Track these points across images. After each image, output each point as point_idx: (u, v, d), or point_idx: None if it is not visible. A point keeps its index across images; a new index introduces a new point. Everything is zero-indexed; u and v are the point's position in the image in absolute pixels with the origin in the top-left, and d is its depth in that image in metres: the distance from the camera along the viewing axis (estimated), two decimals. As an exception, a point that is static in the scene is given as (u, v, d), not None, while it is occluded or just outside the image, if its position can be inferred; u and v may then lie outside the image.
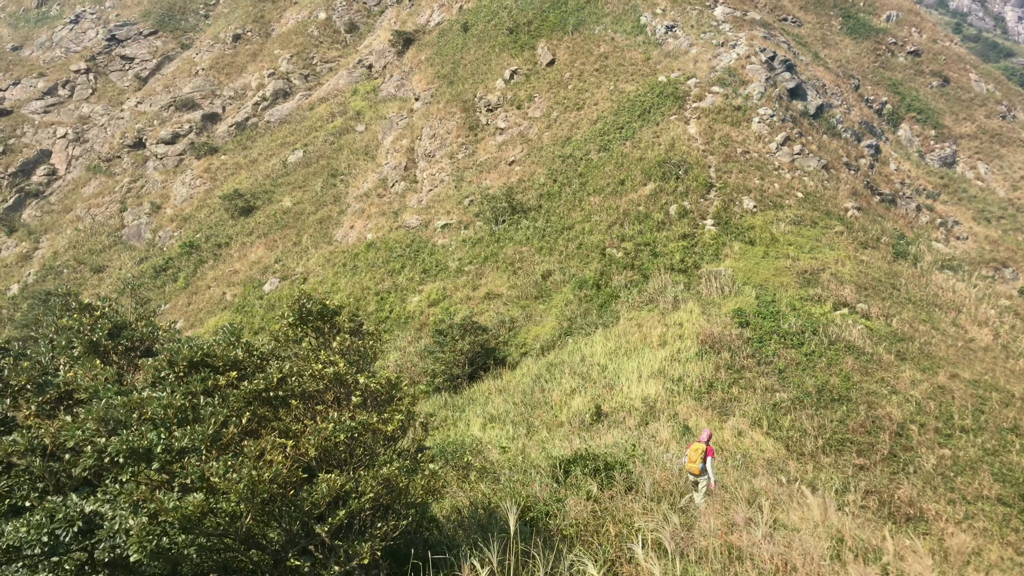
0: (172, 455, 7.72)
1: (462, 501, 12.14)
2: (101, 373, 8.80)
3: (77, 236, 66.41)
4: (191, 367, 8.98)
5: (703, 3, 55.13)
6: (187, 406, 8.18)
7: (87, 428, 7.78)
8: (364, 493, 8.13)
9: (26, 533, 6.98)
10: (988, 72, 74.20)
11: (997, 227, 50.82)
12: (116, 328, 9.72)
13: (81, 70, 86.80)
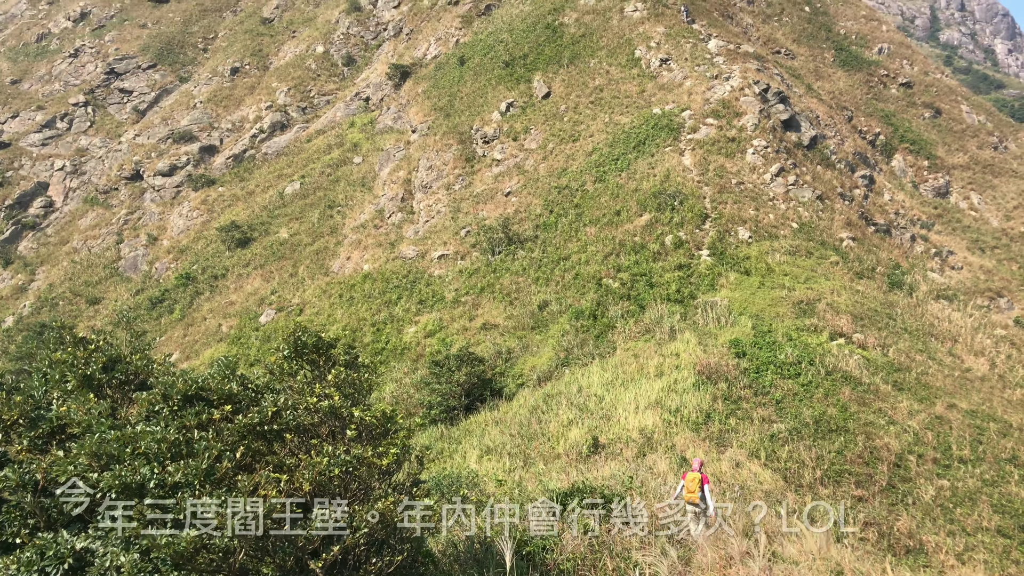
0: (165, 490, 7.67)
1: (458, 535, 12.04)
2: (94, 407, 8.75)
3: (73, 268, 66.39)
4: (185, 401, 8.93)
5: (697, 36, 55.76)
6: (181, 440, 8.13)
7: (80, 463, 7.72)
8: (359, 528, 8.07)
9: (16, 570, 6.91)
10: (979, 104, 74.94)
11: (991, 257, 51.02)
12: (111, 361, 9.69)
13: (80, 103, 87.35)
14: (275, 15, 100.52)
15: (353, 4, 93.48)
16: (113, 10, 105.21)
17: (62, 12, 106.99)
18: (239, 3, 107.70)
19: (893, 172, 58.51)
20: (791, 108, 48.83)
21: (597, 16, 60.89)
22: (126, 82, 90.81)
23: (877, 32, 77.02)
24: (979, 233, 53.75)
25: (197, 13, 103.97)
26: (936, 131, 64.81)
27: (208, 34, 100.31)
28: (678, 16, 58.94)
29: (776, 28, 70.66)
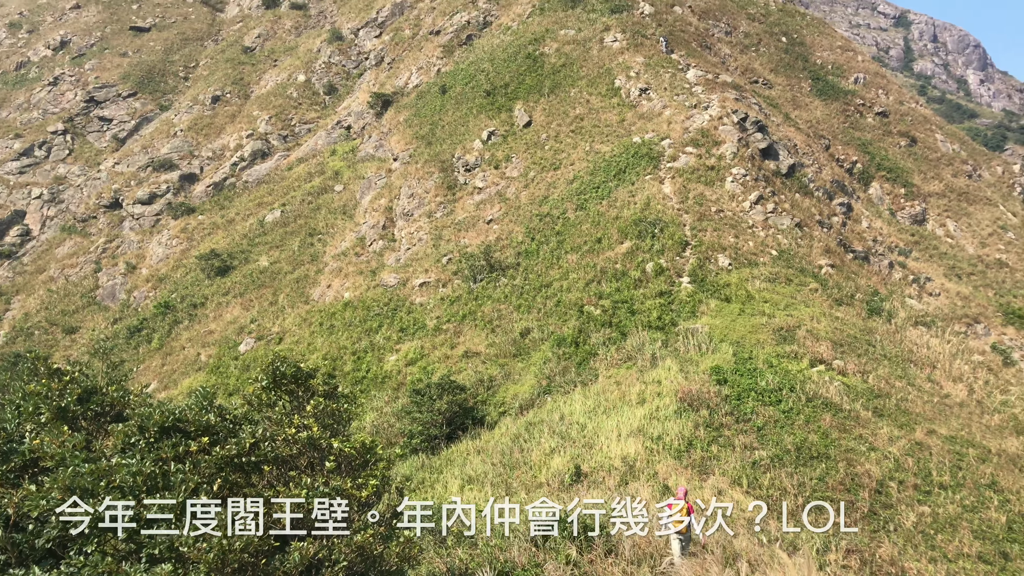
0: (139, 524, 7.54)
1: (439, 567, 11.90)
2: (68, 440, 8.62)
3: (50, 297, 65.70)
4: (162, 432, 8.82)
5: (676, 66, 56.45)
6: (157, 473, 8.01)
7: (52, 497, 7.58)
8: (338, 561, 7.97)
9: (-15, 609, 6.75)
10: (953, 132, 76.22)
11: (968, 283, 51.61)
12: (86, 393, 9.56)
13: (58, 131, 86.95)
14: (257, 44, 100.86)
15: (335, 33, 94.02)
16: (93, 39, 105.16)
17: (41, 40, 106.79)
18: (220, 32, 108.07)
19: (871, 200, 59.23)
20: (769, 137, 49.41)
21: (577, 46, 61.55)
22: (106, 110, 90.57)
23: (853, 62, 78.32)
24: (956, 260, 54.41)
25: (178, 42, 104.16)
26: (912, 159, 65.77)
27: (189, 63, 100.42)
28: (657, 46, 59.69)
29: (754, 58, 71.68)
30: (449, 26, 78.90)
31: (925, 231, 57.92)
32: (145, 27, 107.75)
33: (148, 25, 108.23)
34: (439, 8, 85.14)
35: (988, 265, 54.63)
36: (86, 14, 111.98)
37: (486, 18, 77.07)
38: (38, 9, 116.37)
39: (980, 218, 59.87)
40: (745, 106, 51.26)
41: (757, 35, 75.58)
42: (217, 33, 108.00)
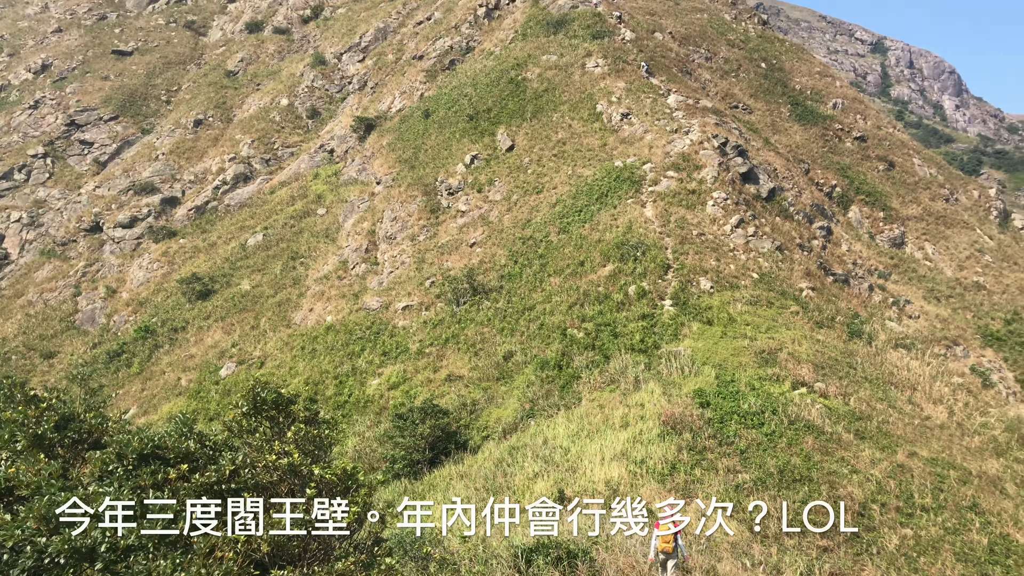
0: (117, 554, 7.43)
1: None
2: (45, 468, 8.49)
3: (28, 321, 64.99)
4: (141, 460, 8.72)
5: (656, 92, 57.01)
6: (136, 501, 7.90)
7: (27, 527, 7.46)
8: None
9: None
10: (930, 157, 77.28)
11: (946, 306, 52.12)
12: (63, 420, 9.45)
13: (39, 154, 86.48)
14: (240, 68, 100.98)
15: (318, 58, 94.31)
16: (75, 62, 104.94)
17: (23, 64, 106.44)
18: (203, 56, 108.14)
19: (850, 223, 59.82)
20: (750, 161, 49.88)
21: (559, 71, 62.05)
22: (87, 134, 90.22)
23: (831, 88, 79.40)
24: (934, 283, 54.96)
25: (161, 66, 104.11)
26: (890, 183, 66.56)
27: (172, 86, 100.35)
28: (638, 72, 60.29)
29: (734, 83, 72.51)
30: (432, 51, 79.36)
31: (904, 254, 58.51)
32: (127, 51, 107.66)
33: (130, 49, 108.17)
34: (422, 33, 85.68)
35: (966, 288, 55.22)
36: (68, 38, 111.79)
37: (469, 43, 77.61)
38: (19, 32, 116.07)
39: (958, 241, 60.58)
40: (725, 131, 51.77)
41: (737, 61, 76.51)
42: (200, 57, 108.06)
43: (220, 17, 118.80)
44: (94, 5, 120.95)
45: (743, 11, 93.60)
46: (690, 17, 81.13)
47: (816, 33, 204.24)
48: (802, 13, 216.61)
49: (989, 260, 59.31)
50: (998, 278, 57.04)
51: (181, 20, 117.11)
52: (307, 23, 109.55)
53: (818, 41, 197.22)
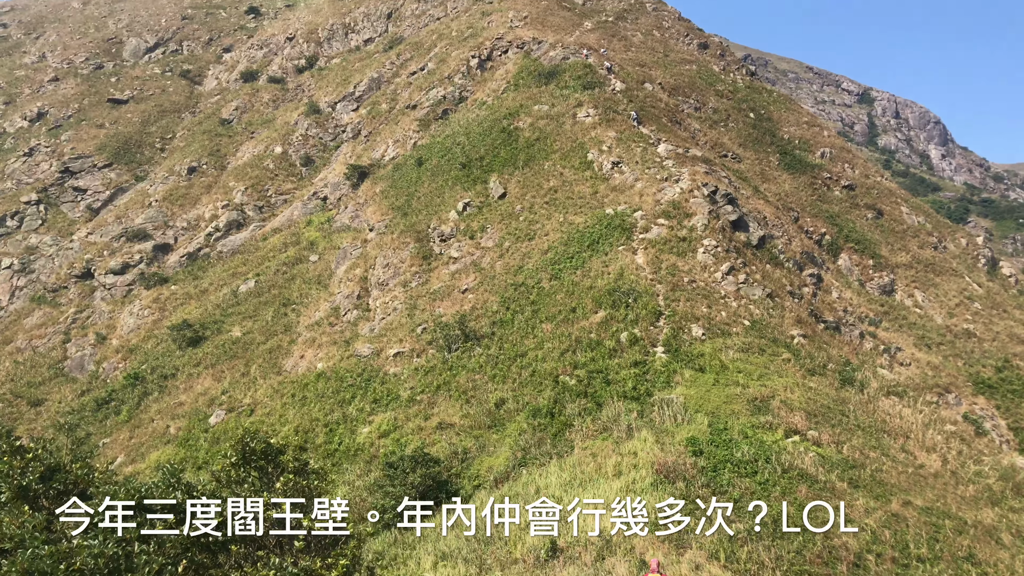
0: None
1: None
2: (29, 520, 8.36)
3: (16, 368, 64.43)
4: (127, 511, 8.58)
5: (647, 141, 57.71)
6: (120, 555, 7.76)
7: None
8: (305, 646, 7.71)
9: None
10: (918, 205, 78.13)
11: (938, 353, 52.22)
12: (49, 471, 9.32)
13: (32, 201, 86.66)
14: (234, 116, 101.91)
15: (312, 107, 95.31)
16: (71, 110, 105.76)
17: (18, 112, 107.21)
18: (198, 104, 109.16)
19: (840, 270, 60.18)
20: (739, 209, 50.33)
21: (551, 121, 62.82)
22: (81, 181, 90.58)
23: (819, 137, 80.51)
24: (925, 330, 55.13)
25: (156, 114, 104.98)
26: (879, 231, 67.15)
27: (166, 134, 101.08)
28: (628, 121, 61.08)
29: (723, 133, 73.47)
30: (425, 101, 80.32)
31: (894, 301, 58.79)
32: (123, 99, 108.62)
33: (126, 97, 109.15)
34: (416, 83, 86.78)
35: (956, 335, 55.40)
36: (64, 86, 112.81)
37: (462, 93, 78.61)
38: (16, 81, 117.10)
39: (947, 289, 60.96)
40: (715, 179, 52.32)
41: (726, 111, 77.62)
42: (195, 105, 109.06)
43: (215, 66, 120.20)
44: (91, 55, 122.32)
45: (731, 62, 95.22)
46: (679, 68, 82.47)
47: (803, 84, 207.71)
48: (789, 64, 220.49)
49: (979, 307, 59.63)
50: (988, 325, 57.30)
51: (177, 69, 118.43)
52: (302, 73, 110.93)
53: (805, 92, 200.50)
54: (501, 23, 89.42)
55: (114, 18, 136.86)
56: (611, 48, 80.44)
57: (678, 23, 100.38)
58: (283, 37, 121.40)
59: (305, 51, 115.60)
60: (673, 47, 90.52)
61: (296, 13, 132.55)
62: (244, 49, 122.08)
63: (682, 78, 79.89)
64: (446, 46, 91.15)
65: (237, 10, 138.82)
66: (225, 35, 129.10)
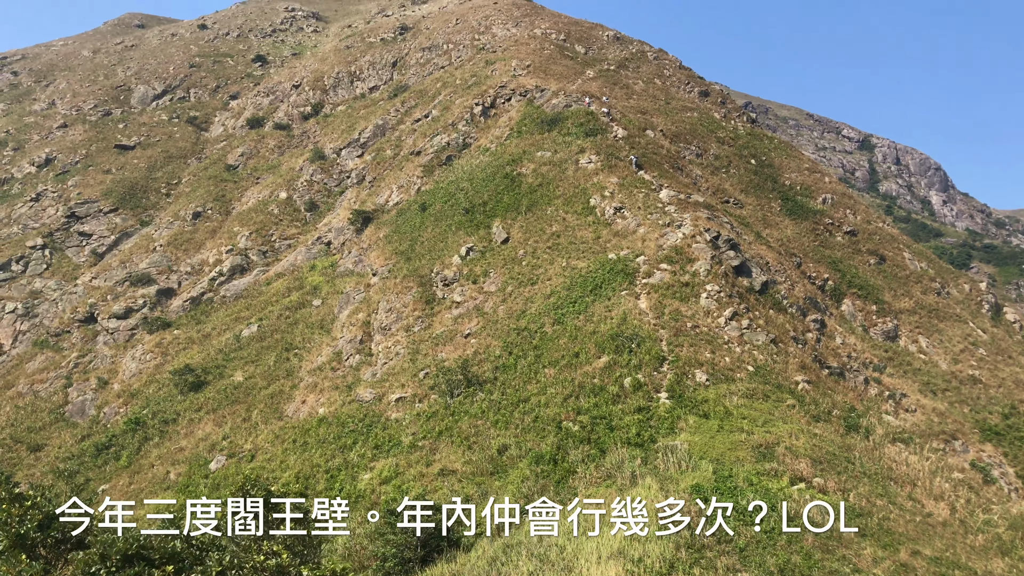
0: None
1: None
2: (26, 570, 8.25)
3: (16, 413, 64.15)
4: (125, 561, 8.47)
5: (649, 186, 58.10)
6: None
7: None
8: None
9: None
10: (920, 251, 78.26)
11: (943, 399, 51.87)
12: (47, 519, 9.23)
13: (37, 246, 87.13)
14: (240, 162, 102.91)
15: (317, 153, 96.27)
16: (78, 156, 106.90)
17: (27, 158, 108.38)
18: (204, 150, 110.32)
19: (843, 316, 60.08)
20: (742, 254, 50.45)
21: (554, 167, 63.34)
22: (86, 225, 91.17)
23: (820, 183, 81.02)
24: (930, 376, 54.84)
25: (162, 159, 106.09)
26: (882, 277, 67.19)
27: (172, 179, 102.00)
28: (630, 167, 61.59)
29: (724, 179, 73.99)
30: (429, 147, 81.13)
31: (898, 347, 58.58)
32: (130, 145, 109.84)
33: (133, 143, 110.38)
34: (420, 130, 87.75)
35: (962, 381, 55.08)
36: (72, 133, 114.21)
37: (465, 140, 79.42)
38: (25, 128, 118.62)
39: (951, 334, 60.76)
40: (717, 225, 52.54)
41: (727, 157, 78.25)
42: (201, 151, 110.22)
43: (222, 113, 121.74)
44: (100, 101, 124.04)
45: (732, 109, 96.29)
46: (680, 116, 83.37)
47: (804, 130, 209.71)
48: (790, 111, 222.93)
49: (983, 354, 59.37)
50: (993, 372, 57.00)
51: (183, 116, 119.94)
52: (307, 120, 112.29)
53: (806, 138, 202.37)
54: (504, 71, 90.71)
55: (123, 66, 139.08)
56: (613, 96, 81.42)
57: (679, 71, 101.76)
58: (289, 85, 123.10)
59: (311, 98, 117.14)
60: (674, 95, 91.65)
61: (302, 61, 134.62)
62: (250, 96, 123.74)
63: (683, 125, 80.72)
64: (450, 94, 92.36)
65: (244, 58, 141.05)
66: (232, 82, 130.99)
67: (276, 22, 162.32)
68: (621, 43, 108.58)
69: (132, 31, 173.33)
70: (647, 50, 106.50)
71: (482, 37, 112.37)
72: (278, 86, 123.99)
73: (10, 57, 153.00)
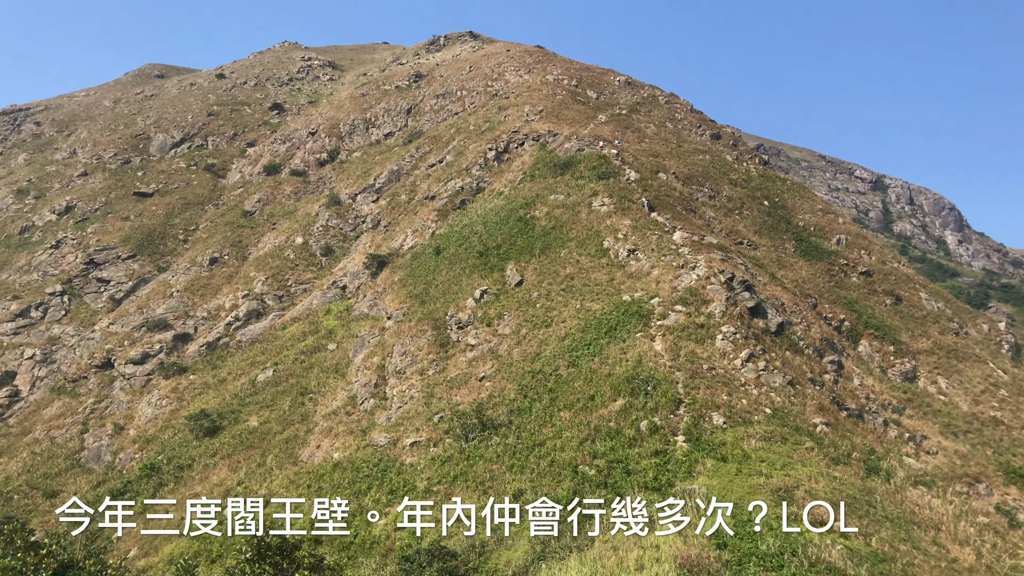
0: None
1: None
2: (40, 618, 8.22)
3: (33, 459, 64.25)
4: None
5: (662, 228, 58.23)
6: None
7: None
8: None
9: None
10: (937, 291, 77.72)
11: (965, 441, 51.08)
12: (62, 567, 9.21)
13: (56, 292, 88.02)
14: (256, 208, 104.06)
15: (333, 198, 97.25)
16: (97, 204, 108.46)
17: (47, 206, 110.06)
18: (221, 197, 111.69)
19: (860, 357, 59.56)
20: (757, 296, 50.28)
21: (567, 210, 63.66)
22: (104, 272, 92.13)
23: (834, 224, 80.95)
24: (950, 417, 54.08)
25: (180, 206, 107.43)
26: (899, 317, 66.70)
27: (189, 226, 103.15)
28: (643, 210, 61.81)
29: (738, 220, 74.07)
30: (444, 191, 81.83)
31: (917, 388, 57.91)
32: (148, 192, 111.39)
33: (151, 191, 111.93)
34: (434, 175, 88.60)
35: (983, 423, 54.27)
36: (92, 181, 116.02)
37: (479, 184, 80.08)
38: (46, 176, 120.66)
39: (971, 375, 60.03)
40: (731, 266, 52.47)
41: (740, 199, 78.43)
42: (218, 198, 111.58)
43: (239, 160, 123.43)
44: (119, 150, 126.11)
45: (744, 152, 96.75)
46: (692, 158, 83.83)
47: (816, 172, 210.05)
48: (802, 153, 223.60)
49: (1005, 394, 58.57)
50: (1016, 413, 56.16)
51: (201, 163, 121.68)
52: (323, 166, 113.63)
53: (819, 179, 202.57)
54: (517, 117, 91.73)
55: (143, 115, 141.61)
56: (625, 139, 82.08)
57: (690, 115, 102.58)
58: (305, 132, 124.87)
59: (327, 145, 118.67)
60: (686, 138, 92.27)
61: (318, 109, 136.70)
62: (267, 143, 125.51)
63: (696, 167, 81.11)
64: (464, 139, 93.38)
65: (261, 106, 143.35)
66: (249, 130, 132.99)
67: (293, 71, 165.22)
68: (632, 88, 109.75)
69: (152, 81, 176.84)
70: (658, 94, 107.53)
71: (495, 83, 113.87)
72: (295, 133, 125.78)
73: (33, 108, 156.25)
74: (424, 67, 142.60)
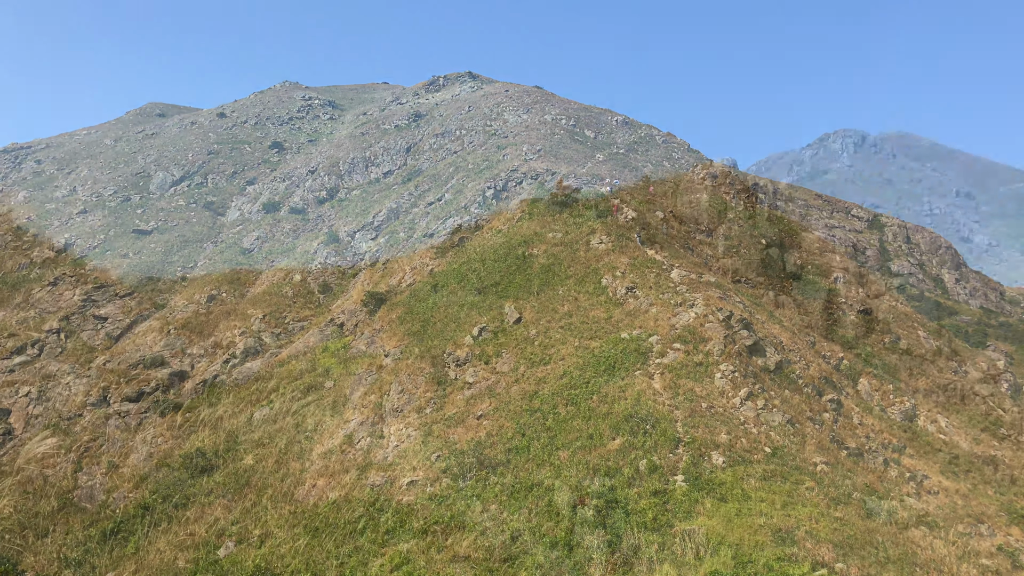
0: None
1: None
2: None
3: (24, 499, 63.51)
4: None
5: (660, 267, 58.39)
6: None
7: None
8: None
9: None
10: (935, 330, 77.71)
11: (966, 481, 50.70)
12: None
13: (53, 329, 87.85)
14: (255, 246, 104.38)
15: (332, 236, 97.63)
16: (96, 241, 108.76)
17: (46, 243, 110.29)
18: (220, 234, 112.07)
19: (860, 395, 59.35)
20: (755, 334, 50.25)
21: (565, 248, 63.89)
22: (102, 309, 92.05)
23: (832, 262, 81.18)
24: (951, 457, 53.73)
25: (178, 244, 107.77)
26: (897, 356, 66.61)
27: (188, 263, 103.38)
28: (641, 248, 62.03)
29: (735, 259, 74.29)
30: (442, 229, 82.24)
31: (917, 427, 57.61)
32: (147, 230, 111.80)
33: (150, 228, 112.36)
34: (433, 213, 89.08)
35: (985, 462, 53.92)
36: (92, 218, 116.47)
37: (477, 222, 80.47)
38: (46, 214, 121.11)
39: (971, 414, 59.81)
40: (730, 304, 52.51)
41: (737, 237, 78.71)
42: (217, 235, 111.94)
43: (238, 198, 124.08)
44: (119, 188, 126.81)
45: (741, 191, 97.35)
46: (689, 197, 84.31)
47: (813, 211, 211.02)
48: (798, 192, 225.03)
49: (1005, 433, 58.30)
50: (1016, 452, 55.85)
51: (201, 201, 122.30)
52: (323, 204, 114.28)
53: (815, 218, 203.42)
54: (516, 156, 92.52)
55: (143, 153, 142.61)
56: (622, 178, 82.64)
57: (687, 154, 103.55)
58: (305, 170, 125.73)
59: (326, 183, 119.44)
60: (683, 176, 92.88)
61: (318, 148, 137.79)
62: (267, 181, 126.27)
63: (693, 206, 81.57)
64: (463, 178, 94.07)
65: (261, 145, 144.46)
66: (249, 168, 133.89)
67: (293, 110, 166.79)
68: (630, 127, 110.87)
69: (153, 120, 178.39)
70: (655, 133, 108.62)
71: (494, 123, 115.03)
72: (294, 171, 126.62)
73: (35, 146, 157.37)
74: (423, 107, 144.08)
